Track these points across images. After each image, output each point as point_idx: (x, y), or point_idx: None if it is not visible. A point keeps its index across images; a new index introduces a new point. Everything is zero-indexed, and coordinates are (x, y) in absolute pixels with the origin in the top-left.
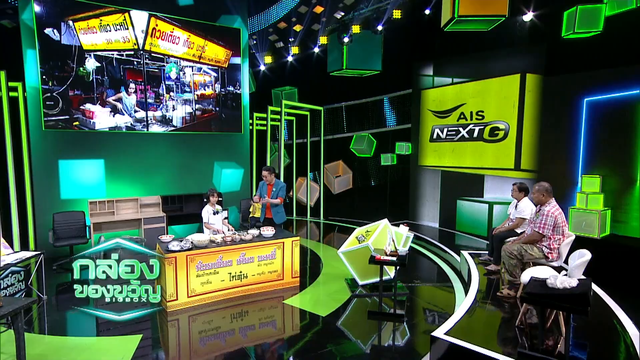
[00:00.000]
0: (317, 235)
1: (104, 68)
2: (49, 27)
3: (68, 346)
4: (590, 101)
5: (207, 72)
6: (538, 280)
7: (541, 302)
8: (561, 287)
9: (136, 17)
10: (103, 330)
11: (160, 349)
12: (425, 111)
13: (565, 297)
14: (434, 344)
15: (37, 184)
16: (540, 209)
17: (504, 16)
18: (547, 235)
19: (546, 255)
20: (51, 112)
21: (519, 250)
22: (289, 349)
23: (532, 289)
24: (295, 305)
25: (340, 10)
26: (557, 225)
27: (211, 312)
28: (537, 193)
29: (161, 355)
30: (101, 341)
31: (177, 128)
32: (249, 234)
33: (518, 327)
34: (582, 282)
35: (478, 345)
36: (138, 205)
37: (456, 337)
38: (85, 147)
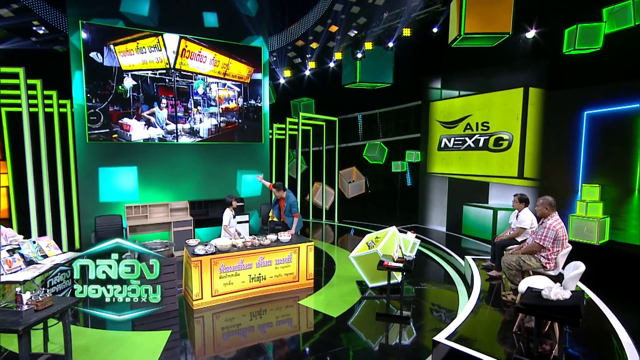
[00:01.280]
0: (331, 237)
1: (140, 86)
2: (93, 51)
3: (107, 339)
4: (590, 114)
5: (231, 87)
6: (534, 291)
7: (536, 313)
8: (555, 298)
9: (168, 40)
10: (137, 325)
11: (187, 343)
12: (434, 122)
13: (558, 309)
14: (435, 348)
15: (82, 190)
16: (543, 222)
17: (507, 34)
18: (547, 247)
19: (544, 265)
20: (94, 126)
21: (517, 261)
22: (302, 346)
23: (528, 299)
24: (309, 306)
25: (353, 29)
26: (558, 238)
27: (233, 310)
28: (541, 206)
29: (188, 349)
30: (135, 335)
31: (204, 139)
32: (268, 239)
33: (515, 333)
34: (575, 294)
35: (476, 350)
36: (168, 209)
37: (456, 341)
38: (121, 156)
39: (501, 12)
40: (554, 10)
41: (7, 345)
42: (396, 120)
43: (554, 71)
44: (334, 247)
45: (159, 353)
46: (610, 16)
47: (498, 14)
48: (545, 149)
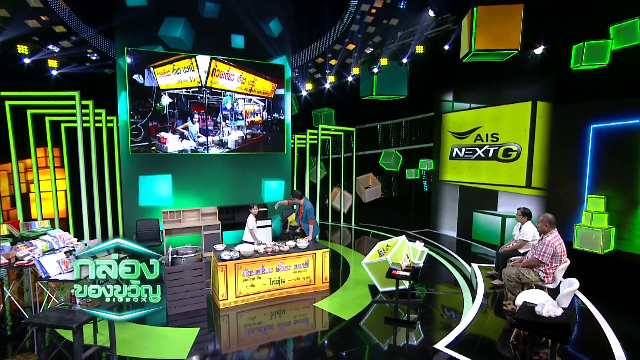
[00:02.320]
0: (348, 239)
1: (175, 103)
2: (136, 73)
3: (146, 333)
4: (596, 128)
5: (256, 102)
6: (528, 307)
7: (528, 329)
8: (547, 315)
9: (200, 61)
10: (171, 322)
11: (215, 338)
12: (446, 132)
13: (549, 326)
14: (435, 355)
15: (125, 196)
16: (543, 238)
17: (516, 50)
18: (546, 262)
19: (542, 279)
20: (135, 139)
21: (516, 273)
22: (314, 345)
23: (522, 315)
24: (324, 308)
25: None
26: (556, 254)
27: (254, 310)
28: (541, 223)
29: (215, 343)
30: (169, 331)
31: (231, 150)
32: (287, 246)
33: (512, 342)
34: (566, 312)
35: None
36: (199, 214)
37: (456, 349)
38: (158, 166)
39: (510, 30)
40: (562, 27)
41: (65, 334)
42: (410, 130)
43: (561, 86)
44: (350, 251)
45: (190, 346)
46: (617, 33)
47: (507, 31)
48: (552, 160)
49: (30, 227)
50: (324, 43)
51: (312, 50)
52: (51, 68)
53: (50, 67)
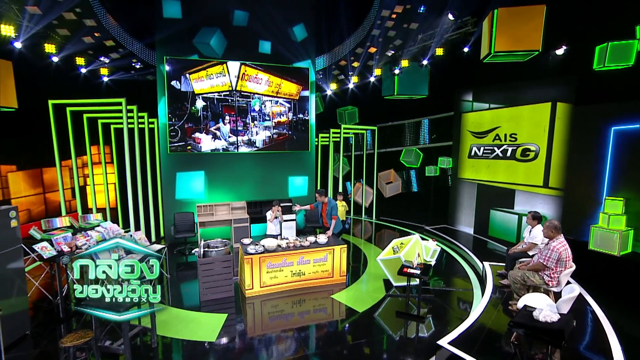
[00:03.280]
0: (369, 232)
1: (208, 106)
2: (173, 80)
3: (181, 316)
4: (617, 130)
5: (282, 104)
6: (527, 311)
7: (524, 332)
8: (543, 320)
9: (231, 66)
10: (203, 307)
11: (241, 323)
12: (465, 131)
13: (544, 330)
14: (438, 351)
15: (164, 191)
16: (549, 243)
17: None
18: (550, 267)
19: (546, 282)
20: (173, 140)
21: (522, 276)
22: (329, 335)
23: (520, 318)
24: (340, 300)
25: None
26: (561, 259)
27: (277, 299)
28: (547, 229)
29: (241, 327)
30: (201, 316)
31: (259, 148)
32: (307, 241)
33: (513, 342)
34: (563, 318)
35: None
36: (230, 208)
37: (458, 346)
38: (193, 164)
39: (531, 31)
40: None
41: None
42: (431, 129)
43: (582, 87)
44: (370, 245)
45: (218, 330)
46: None
47: (528, 32)
48: (571, 161)
49: (86, 219)
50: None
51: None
52: (102, 75)
53: (102, 74)
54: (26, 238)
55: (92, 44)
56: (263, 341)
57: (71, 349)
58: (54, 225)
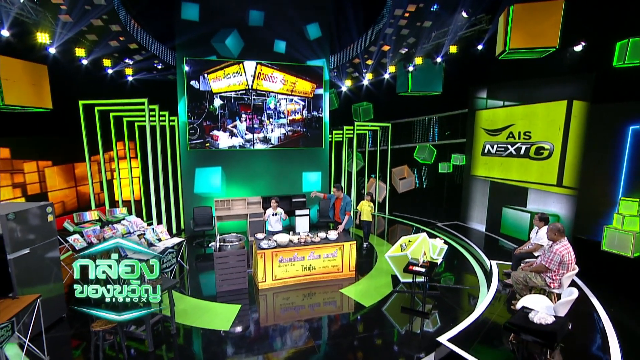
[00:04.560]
0: (382, 227)
1: (225, 104)
2: (193, 79)
3: (199, 306)
4: (636, 129)
5: (297, 102)
6: (524, 312)
7: (519, 333)
8: (537, 322)
9: (247, 66)
10: (219, 297)
11: (254, 313)
12: (479, 129)
13: (537, 332)
14: (437, 348)
15: (184, 185)
16: (552, 246)
17: (554, 47)
18: (552, 269)
19: (548, 284)
20: (192, 137)
21: (524, 277)
22: (335, 328)
23: (515, 319)
24: (349, 294)
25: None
26: (564, 262)
27: (288, 292)
28: (550, 232)
29: (254, 317)
30: (217, 306)
31: (274, 145)
32: (318, 237)
33: (511, 342)
34: (558, 321)
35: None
36: (246, 203)
37: (456, 344)
38: (211, 160)
39: (549, 27)
40: (604, 24)
41: None
42: (444, 126)
43: (600, 84)
44: (382, 241)
45: (232, 319)
46: None
47: (545, 28)
48: (586, 160)
49: (113, 213)
50: (360, 45)
51: (349, 52)
52: (127, 75)
53: (127, 74)
54: (60, 230)
55: (117, 47)
56: (274, 331)
57: (100, 332)
58: (84, 218)
